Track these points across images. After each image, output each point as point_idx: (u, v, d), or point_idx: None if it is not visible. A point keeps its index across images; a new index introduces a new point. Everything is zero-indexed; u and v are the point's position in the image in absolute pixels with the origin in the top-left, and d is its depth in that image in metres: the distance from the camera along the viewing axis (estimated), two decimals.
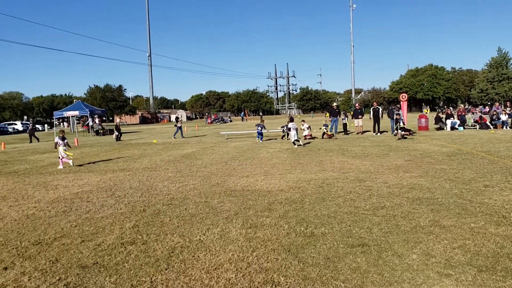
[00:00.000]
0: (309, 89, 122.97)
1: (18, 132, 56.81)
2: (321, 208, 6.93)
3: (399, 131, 20.06)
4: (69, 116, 42.83)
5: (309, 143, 19.64)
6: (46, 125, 69.78)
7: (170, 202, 7.88)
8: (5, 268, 4.78)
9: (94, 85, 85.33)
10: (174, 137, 28.11)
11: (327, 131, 22.20)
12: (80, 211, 7.45)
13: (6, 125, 59.91)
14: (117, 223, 6.51)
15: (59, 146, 14.10)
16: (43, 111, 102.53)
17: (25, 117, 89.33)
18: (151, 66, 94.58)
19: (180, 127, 28.71)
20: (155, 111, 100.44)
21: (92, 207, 7.69)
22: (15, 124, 63.06)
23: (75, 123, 45.97)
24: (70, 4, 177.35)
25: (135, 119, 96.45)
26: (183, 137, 28.12)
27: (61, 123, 77.09)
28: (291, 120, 19.77)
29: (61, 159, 14.05)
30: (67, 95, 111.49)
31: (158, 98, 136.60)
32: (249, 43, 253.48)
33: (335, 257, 4.72)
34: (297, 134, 18.74)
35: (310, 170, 11.08)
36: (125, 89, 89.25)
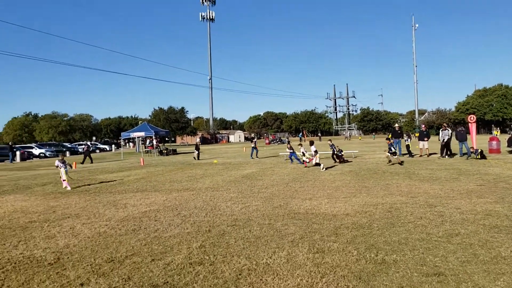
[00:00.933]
0: (370, 109, 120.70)
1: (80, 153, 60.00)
2: (390, 234, 6.67)
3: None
4: (135, 137, 44.63)
5: (331, 167, 19.14)
6: (113, 146, 73.25)
7: (234, 223, 7.91)
8: (81, 284, 4.97)
9: (158, 107, 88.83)
10: (252, 158, 28.03)
11: (391, 156, 20.33)
12: (148, 229, 7.65)
13: (77, 145, 63.61)
14: (185, 243, 6.61)
15: (59, 168, 14.77)
16: (111, 132, 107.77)
17: (94, 138, 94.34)
18: (211, 89, 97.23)
19: (255, 147, 28.57)
20: (214, 131, 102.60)
21: (160, 226, 7.88)
22: (86, 145, 66.79)
23: (141, 143, 47.81)
24: (136, 31, 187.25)
25: (196, 139, 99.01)
26: (257, 158, 27.96)
27: (127, 144, 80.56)
28: (311, 143, 19.77)
29: (63, 181, 14.72)
30: (133, 117, 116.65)
31: (218, 119, 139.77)
32: (308, 63, 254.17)
33: (409, 286, 4.50)
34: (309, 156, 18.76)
35: (376, 194, 10.76)
36: (187, 111, 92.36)
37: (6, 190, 15.13)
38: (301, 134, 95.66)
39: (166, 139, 56.27)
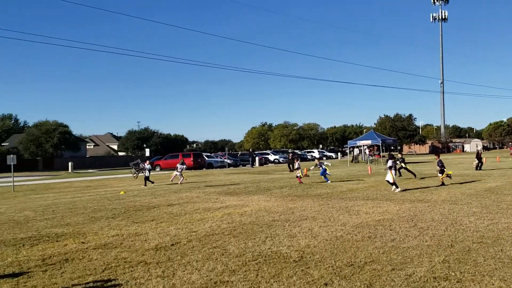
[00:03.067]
0: None
1: (315, 159, 63.49)
2: None
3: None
4: (361, 145, 44.97)
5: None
6: (339, 153, 75.47)
7: (481, 241, 7.13)
8: (325, 284, 5.20)
9: (384, 115, 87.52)
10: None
11: None
12: (384, 238, 7.54)
13: (306, 153, 67.81)
14: (425, 256, 6.27)
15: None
16: (336, 140, 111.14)
17: (320, 146, 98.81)
18: (443, 93, 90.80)
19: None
20: (446, 140, 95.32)
21: (396, 236, 7.68)
22: (313, 152, 70.70)
23: (367, 152, 47.88)
24: (360, 37, 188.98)
25: (425, 148, 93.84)
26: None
27: (351, 152, 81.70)
28: (391, 157, 16.12)
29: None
30: (358, 125, 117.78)
31: (450, 126, 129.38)
32: None
33: None
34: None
35: None
36: (415, 118, 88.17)
37: (251, 191, 17.10)
38: None
39: (392, 147, 54.92)
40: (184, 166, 22.45)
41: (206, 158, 48.17)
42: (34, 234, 9.15)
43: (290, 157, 35.38)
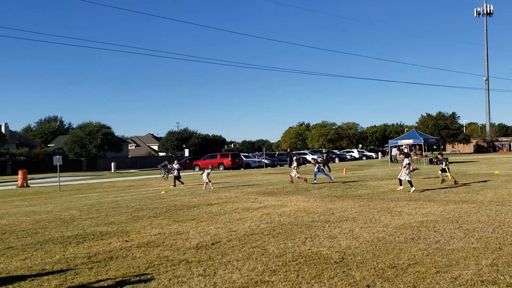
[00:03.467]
0: None
1: (354, 159, 62.69)
2: None
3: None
4: (402, 145, 43.95)
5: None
6: (379, 153, 74.10)
7: None
8: (368, 286, 5.11)
9: (426, 113, 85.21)
10: None
11: None
12: (428, 240, 7.34)
13: (345, 153, 66.98)
14: (471, 258, 6.07)
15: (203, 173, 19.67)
16: (376, 139, 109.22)
17: (360, 145, 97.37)
18: (488, 91, 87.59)
19: None
20: (491, 139, 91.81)
21: (440, 238, 7.46)
22: (352, 152, 69.74)
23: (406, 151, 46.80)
24: (397, 35, 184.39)
25: (469, 148, 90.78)
26: None
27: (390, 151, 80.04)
28: (407, 155, 15.68)
29: (206, 184, 19.06)
30: (398, 124, 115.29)
31: (496, 124, 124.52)
32: None
33: None
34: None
35: None
36: (459, 116, 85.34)
37: (289, 191, 17.05)
38: None
39: (435, 147, 53.45)
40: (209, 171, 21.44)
41: (244, 158, 48.43)
42: (80, 232, 9.48)
43: (324, 158, 33.97)
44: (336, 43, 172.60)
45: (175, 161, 23.52)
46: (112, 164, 50.28)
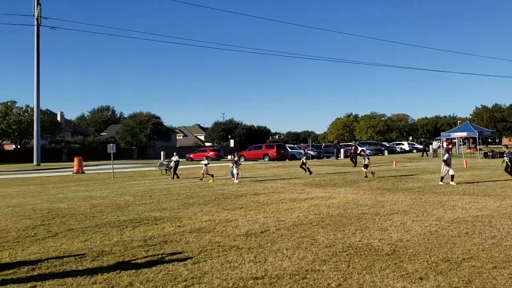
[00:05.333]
0: None
1: (404, 151, 61.11)
2: None
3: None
4: (455, 137, 42.50)
5: None
6: (430, 146, 71.89)
7: None
8: (420, 278, 5.05)
9: (481, 105, 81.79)
10: None
11: None
12: (484, 235, 7.13)
13: (394, 145, 65.39)
14: None
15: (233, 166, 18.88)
16: (427, 132, 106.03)
17: (410, 138, 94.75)
18: None
19: None
20: None
21: (497, 233, 7.23)
22: (402, 144, 67.99)
23: (461, 144, 45.20)
24: (451, 24, 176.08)
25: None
26: None
27: (429, 145, 77.55)
28: (447, 151, 14.97)
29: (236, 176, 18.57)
30: (451, 116, 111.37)
31: None
32: None
33: None
34: None
35: None
36: None
37: (337, 183, 16.94)
38: None
39: (490, 140, 51.29)
40: (207, 162, 21.53)
41: (289, 150, 48.36)
42: (135, 217, 9.88)
43: (353, 150, 30.99)
44: (388, 33, 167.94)
45: (174, 153, 23.76)
46: (162, 153, 51.57)
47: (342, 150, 48.08)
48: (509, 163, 16.42)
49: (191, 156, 52.93)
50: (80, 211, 10.97)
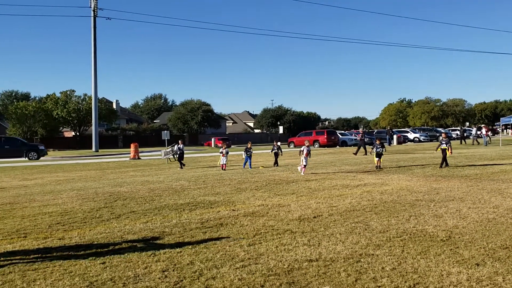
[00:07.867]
0: None
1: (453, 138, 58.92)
2: None
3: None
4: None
5: None
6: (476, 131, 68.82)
7: None
8: (477, 264, 5.02)
9: None
10: None
11: None
12: None
13: (450, 131, 63.14)
14: None
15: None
16: (485, 117, 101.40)
17: (467, 123, 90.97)
18: None
19: None
20: None
21: None
22: (458, 130, 65.50)
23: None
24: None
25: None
26: None
27: (506, 130, 73.91)
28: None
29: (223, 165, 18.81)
30: None
31: None
32: None
33: None
34: None
35: None
36: None
37: (390, 170, 16.69)
38: None
39: None
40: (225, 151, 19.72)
41: (340, 136, 47.84)
42: (191, 200, 10.28)
43: (360, 138, 29.15)
44: (442, 15, 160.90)
45: (180, 141, 23.69)
46: (212, 139, 52.64)
47: (395, 137, 46.99)
48: None
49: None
50: (139, 195, 11.53)
